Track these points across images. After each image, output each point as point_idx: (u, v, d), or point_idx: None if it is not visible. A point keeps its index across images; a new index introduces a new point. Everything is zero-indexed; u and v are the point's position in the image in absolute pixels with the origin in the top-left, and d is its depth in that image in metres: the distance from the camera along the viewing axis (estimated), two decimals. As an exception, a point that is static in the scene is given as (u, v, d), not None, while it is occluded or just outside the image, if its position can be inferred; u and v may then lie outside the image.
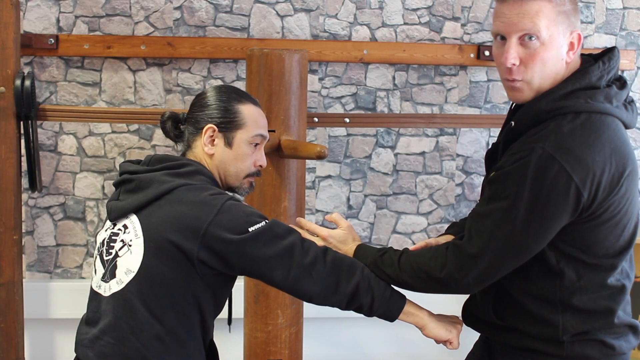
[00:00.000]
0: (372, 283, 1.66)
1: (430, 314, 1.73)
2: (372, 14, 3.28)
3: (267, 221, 1.64)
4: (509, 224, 1.47)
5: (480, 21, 3.34)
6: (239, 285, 2.57)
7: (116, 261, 1.65)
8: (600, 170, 1.44)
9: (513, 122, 1.54)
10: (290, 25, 3.24)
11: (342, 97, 3.28)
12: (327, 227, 1.93)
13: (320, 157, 2.17)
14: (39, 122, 2.75)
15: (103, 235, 1.72)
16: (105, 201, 3.20)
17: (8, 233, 2.52)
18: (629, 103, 1.58)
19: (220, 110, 1.76)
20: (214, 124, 1.75)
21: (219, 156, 1.76)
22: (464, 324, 1.78)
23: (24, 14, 3.08)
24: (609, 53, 1.56)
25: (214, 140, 1.75)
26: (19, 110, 2.51)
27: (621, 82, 1.57)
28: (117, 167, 3.20)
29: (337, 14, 3.27)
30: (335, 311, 2.02)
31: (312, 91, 3.23)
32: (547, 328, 1.57)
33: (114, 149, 3.19)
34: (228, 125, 1.75)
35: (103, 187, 3.20)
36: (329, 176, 3.31)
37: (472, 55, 3.24)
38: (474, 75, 3.31)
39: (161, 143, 3.22)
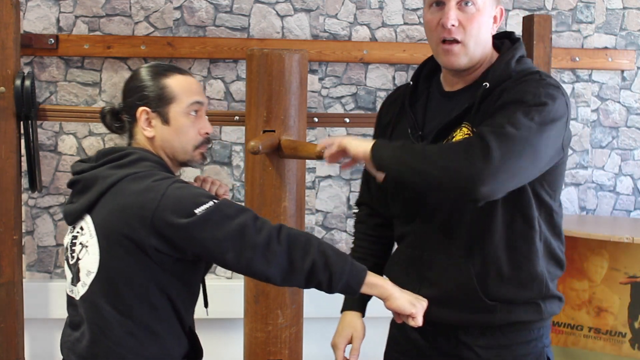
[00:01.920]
0: (330, 259, 1.55)
1: (395, 286, 1.62)
2: (372, 14, 3.28)
3: (215, 201, 1.56)
4: (531, 120, 1.49)
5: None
6: (239, 285, 2.57)
7: (78, 264, 1.64)
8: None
9: (487, 84, 1.61)
10: (290, 25, 3.24)
11: (342, 97, 3.28)
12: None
13: (320, 157, 2.17)
14: (39, 122, 2.75)
15: (66, 239, 1.71)
16: (105, 201, 3.20)
17: (8, 233, 2.52)
18: None
19: (147, 90, 1.70)
20: (146, 106, 1.69)
21: (160, 136, 1.70)
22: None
23: (24, 14, 3.08)
24: (511, 34, 1.72)
25: (150, 122, 1.70)
26: (19, 110, 2.51)
27: None
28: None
29: (337, 14, 3.27)
30: (335, 311, 2.02)
31: (312, 91, 3.23)
32: (533, 286, 1.63)
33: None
34: (159, 102, 1.69)
35: (103, 187, 3.20)
36: (329, 176, 3.31)
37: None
38: (474, 75, 3.32)
39: (161, 143, 3.22)
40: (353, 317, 1.83)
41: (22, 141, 2.58)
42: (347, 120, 2.82)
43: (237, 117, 2.55)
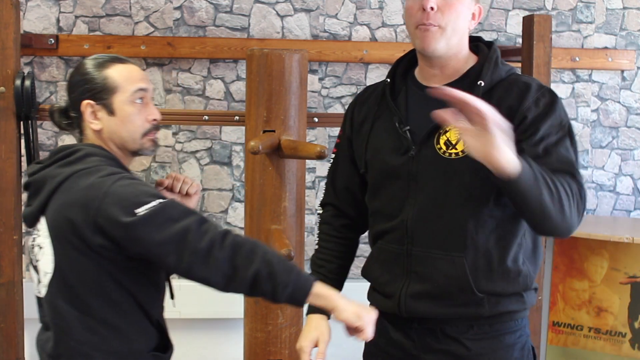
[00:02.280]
0: (275, 269, 1.51)
1: (342, 297, 1.57)
2: (372, 14, 3.28)
3: (161, 201, 1.53)
4: (572, 146, 1.64)
5: (480, 21, 3.34)
6: (239, 285, 2.57)
7: (37, 266, 1.65)
8: None
9: (482, 82, 1.66)
10: (290, 25, 3.24)
11: (342, 97, 3.28)
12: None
13: (320, 157, 2.17)
14: (39, 122, 2.75)
15: (29, 242, 1.71)
16: (105, 201, 3.20)
17: (8, 233, 2.51)
18: None
19: (90, 83, 1.67)
20: (90, 99, 1.67)
21: (107, 128, 1.68)
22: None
23: (24, 14, 3.08)
24: (481, 38, 1.79)
25: (96, 114, 1.68)
26: (19, 110, 2.50)
27: None
28: (117, 167, 3.20)
29: (337, 14, 3.27)
30: (335, 311, 2.02)
31: (312, 91, 3.23)
32: (517, 279, 1.67)
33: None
34: (102, 94, 1.67)
35: (103, 187, 3.19)
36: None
37: (472, 55, 3.24)
38: (474, 75, 3.32)
39: (161, 143, 3.22)
40: (319, 320, 1.80)
41: (22, 141, 2.58)
42: (347, 120, 2.82)
43: (237, 117, 2.55)
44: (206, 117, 2.58)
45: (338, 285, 1.87)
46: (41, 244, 1.62)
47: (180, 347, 1.84)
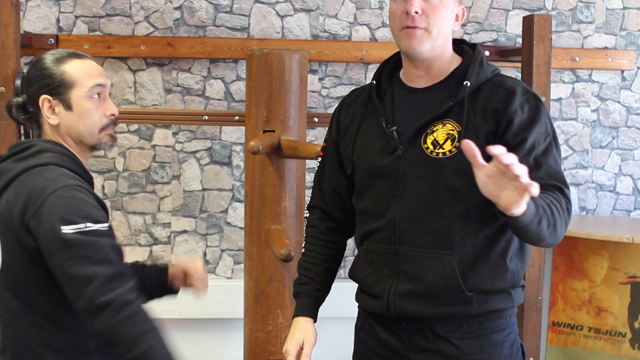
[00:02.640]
0: None
1: None
2: (372, 14, 3.28)
3: (90, 227, 1.53)
4: (559, 152, 1.68)
5: (480, 21, 3.34)
6: (239, 285, 2.57)
7: None
8: None
9: (468, 83, 1.68)
10: (290, 25, 3.24)
11: (342, 97, 3.28)
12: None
13: (320, 157, 2.17)
14: (39, 122, 2.75)
15: None
16: (105, 201, 3.20)
17: (8, 233, 2.52)
18: None
19: (48, 78, 1.67)
20: (47, 94, 1.67)
21: (64, 123, 1.68)
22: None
23: (24, 14, 3.08)
24: (465, 41, 1.81)
25: (53, 109, 1.68)
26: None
27: None
28: (117, 167, 3.20)
29: (337, 14, 3.27)
30: (335, 311, 2.02)
31: (312, 91, 3.23)
32: (505, 277, 1.68)
33: (114, 149, 3.19)
34: (60, 89, 1.67)
35: (103, 187, 3.20)
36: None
37: (472, 55, 3.24)
38: (474, 75, 3.32)
39: (161, 143, 3.21)
40: (304, 322, 1.85)
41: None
42: (347, 120, 2.82)
43: (237, 117, 2.55)
44: (206, 117, 2.58)
45: (325, 287, 1.89)
46: None
47: (180, 347, 1.84)
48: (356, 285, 1.83)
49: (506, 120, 1.62)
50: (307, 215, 1.96)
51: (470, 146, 1.41)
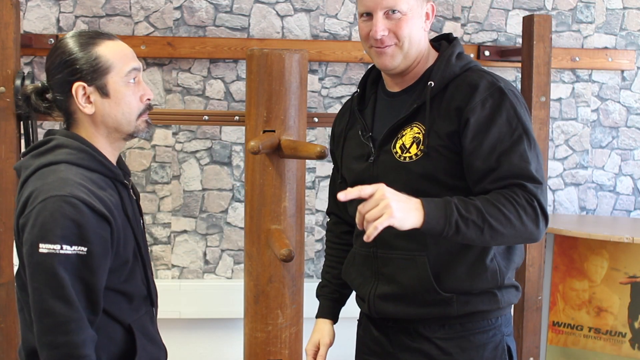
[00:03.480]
0: None
1: None
2: (372, 14, 3.28)
3: (65, 252, 1.42)
4: (534, 146, 1.60)
5: (480, 21, 3.34)
6: (239, 285, 2.57)
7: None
8: None
9: (432, 83, 1.66)
10: (290, 25, 3.24)
11: (342, 97, 3.28)
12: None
13: (320, 157, 2.17)
14: (39, 122, 2.75)
15: None
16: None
17: (8, 233, 2.52)
18: None
19: (79, 63, 1.54)
20: (81, 81, 1.54)
21: (102, 111, 1.56)
22: None
23: (24, 13, 3.08)
24: (449, 35, 1.78)
25: (89, 97, 1.56)
26: (19, 110, 2.51)
27: None
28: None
29: (337, 14, 3.27)
30: (335, 311, 2.02)
31: (312, 91, 3.23)
32: (485, 278, 1.66)
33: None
34: (95, 75, 1.54)
35: (103, 187, 3.19)
36: (329, 176, 3.31)
37: (472, 55, 3.24)
38: (474, 75, 3.32)
39: (161, 143, 3.21)
40: (323, 324, 1.94)
41: (22, 141, 2.58)
42: (347, 120, 2.82)
43: (237, 117, 2.55)
44: (206, 117, 2.58)
45: (344, 288, 1.93)
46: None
47: (180, 347, 1.85)
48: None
49: (464, 118, 1.59)
50: (328, 220, 2.05)
51: (347, 195, 1.49)
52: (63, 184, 1.48)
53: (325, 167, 3.29)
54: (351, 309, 1.94)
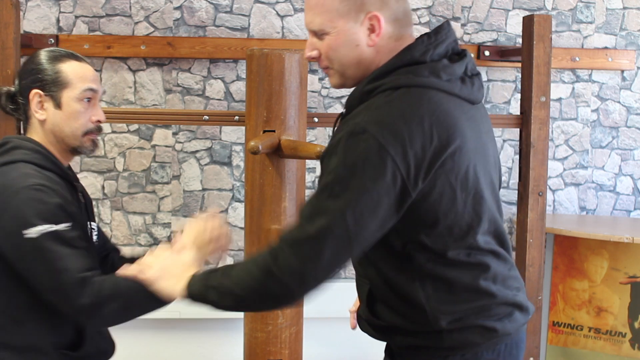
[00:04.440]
0: (132, 304, 1.62)
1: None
2: (372, 14, 3.28)
3: (50, 229, 1.56)
4: (334, 199, 1.37)
5: (480, 21, 3.34)
6: (239, 285, 2.56)
7: None
8: (419, 143, 1.36)
9: (345, 110, 1.53)
10: (290, 25, 3.24)
11: (342, 97, 3.28)
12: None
13: (320, 157, 2.17)
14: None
15: None
16: (105, 201, 3.20)
17: (8, 233, 2.52)
18: (470, 77, 1.54)
19: (42, 73, 1.71)
20: (39, 89, 1.71)
21: (51, 119, 1.71)
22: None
23: (24, 14, 3.08)
24: (437, 28, 1.53)
25: (42, 104, 1.72)
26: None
27: (459, 56, 1.54)
28: (117, 167, 3.20)
29: (337, 14, 3.27)
30: (335, 311, 2.02)
31: (312, 91, 3.23)
32: (419, 319, 1.51)
33: (114, 149, 3.19)
34: (52, 86, 1.70)
35: (103, 187, 3.20)
36: (329, 176, 3.31)
37: (472, 55, 3.24)
38: (474, 75, 3.32)
39: (161, 143, 3.21)
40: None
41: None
42: (347, 120, 2.82)
43: (237, 117, 2.55)
44: (206, 117, 2.58)
45: None
46: None
47: (180, 347, 1.85)
48: (354, 286, 1.84)
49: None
50: None
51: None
52: (28, 178, 1.61)
53: (325, 167, 3.30)
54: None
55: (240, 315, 2.48)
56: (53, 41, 3.04)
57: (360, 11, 1.47)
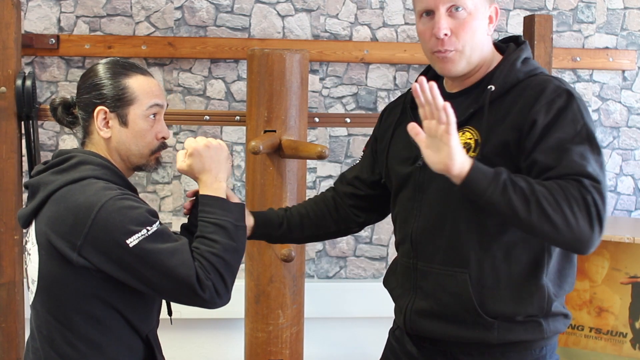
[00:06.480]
0: (227, 244, 1.55)
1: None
2: (373, 14, 3.28)
3: (153, 230, 1.49)
4: (597, 152, 1.46)
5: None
6: (240, 285, 2.56)
7: (27, 271, 1.62)
8: None
9: (493, 87, 1.56)
10: (291, 25, 3.24)
11: (343, 97, 3.28)
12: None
13: (321, 157, 2.17)
14: (39, 122, 2.75)
15: (24, 245, 1.66)
16: (106, 201, 3.20)
17: (9, 233, 2.51)
18: None
19: (108, 89, 1.61)
20: (104, 105, 1.61)
21: (117, 138, 1.62)
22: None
23: (25, 14, 3.09)
24: (518, 38, 1.67)
25: (108, 122, 1.62)
26: (19, 110, 2.51)
27: None
28: (118, 167, 3.20)
29: (337, 14, 3.27)
30: (336, 311, 2.02)
31: (313, 91, 3.23)
32: (534, 306, 1.54)
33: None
34: (118, 103, 1.61)
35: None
36: (330, 176, 3.31)
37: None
38: (475, 75, 3.32)
39: (162, 143, 3.22)
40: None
41: (23, 141, 2.58)
42: (348, 120, 2.82)
43: (238, 117, 2.55)
44: (207, 117, 2.58)
45: (290, 223, 1.85)
46: (29, 250, 1.59)
47: (180, 347, 1.84)
48: (355, 286, 1.82)
49: (529, 120, 1.48)
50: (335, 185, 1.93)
51: (415, 129, 1.40)
52: (105, 191, 1.53)
53: (326, 167, 3.29)
54: (352, 310, 1.92)
55: (241, 315, 2.48)
56: (54, 41, 3.05)
57: (489, 1, 1.58)
